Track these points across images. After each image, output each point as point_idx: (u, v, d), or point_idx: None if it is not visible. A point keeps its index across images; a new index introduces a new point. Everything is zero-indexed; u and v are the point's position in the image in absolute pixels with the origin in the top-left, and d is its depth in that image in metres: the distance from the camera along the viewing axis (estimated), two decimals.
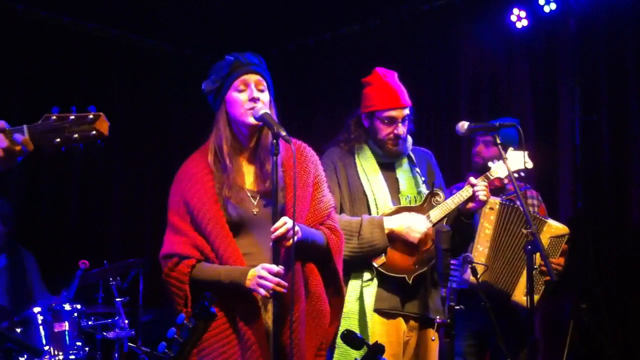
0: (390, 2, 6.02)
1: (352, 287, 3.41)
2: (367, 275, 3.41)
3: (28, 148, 2.09)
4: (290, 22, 6.41)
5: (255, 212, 2.78)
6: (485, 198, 3.43)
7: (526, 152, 3.59)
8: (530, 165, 3.60)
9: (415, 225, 3.39)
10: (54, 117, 2.11)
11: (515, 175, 3.46)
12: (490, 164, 3.63)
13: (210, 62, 2.97)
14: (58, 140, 2.10)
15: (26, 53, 5.99)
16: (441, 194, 3.53)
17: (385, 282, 3.41)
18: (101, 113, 2.13)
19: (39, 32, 6.08)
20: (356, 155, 3.59)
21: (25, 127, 2.11)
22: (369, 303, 3.37)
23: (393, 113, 3.50)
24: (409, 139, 3.64)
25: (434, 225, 3.44)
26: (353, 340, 2.76)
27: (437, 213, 3.47)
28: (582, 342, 4.60)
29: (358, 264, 3.41)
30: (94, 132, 2.10)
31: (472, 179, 3.47)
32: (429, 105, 5.65)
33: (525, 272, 3.83)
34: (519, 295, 3.90)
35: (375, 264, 3.40)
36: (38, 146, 2.11)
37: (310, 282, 2.81)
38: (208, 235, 2.74)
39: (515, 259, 3.93)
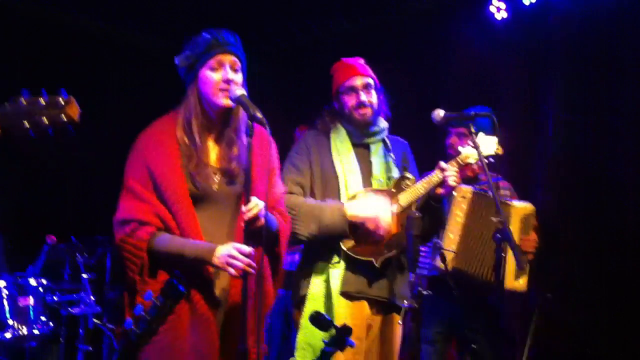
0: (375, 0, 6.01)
1: (320, 269, 3.43)
2: (335, 258, 3.42)
3: None
4: (283, 19, 6.37)
5: (215, 189, 2.76)
6: (454, 183, 3.45)
7: (496, 139, 3.60)
8: (500, 151, 3.60)
9: (380, 219, 3.40)
10: (23, 100, 2.05)
11: (485, 160, 3.46)
12: (460, 148, 3.62)
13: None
14: (27, 124, 2.03)
15: (18, 45, 5.90)
16: (411, 177, 3.54)
17: (353, 265, 3.42)
18: (72, 98, 2.07)
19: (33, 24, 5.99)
20: (331, 136, 3.61)
21: None
22: (336, 286, 3.38)
23: (352, 82, 3.57)
24: (382, 121, 3.65)
25: (403, 209, 3.45)
26: (321, 321, 2.76)
27: (406, 197, 3.48)
28: (547, 332, 4.65)
29: (326, 245, 3.42)
30: (64, 117, 2.04)
31: (442, 163, 3.48)
32: (412, 97, 5.65)
33: (507, 258, 3.86)
34: (510, 281, 3.90)
35: (343, 247, 3.40)
36: (5, 129, 2.04)
37: (261, 265, 2.75)
38: (171, 204, 2.69)
39: (486, 247, 3.95)
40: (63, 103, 2.04)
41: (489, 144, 3.55)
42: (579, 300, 4.95)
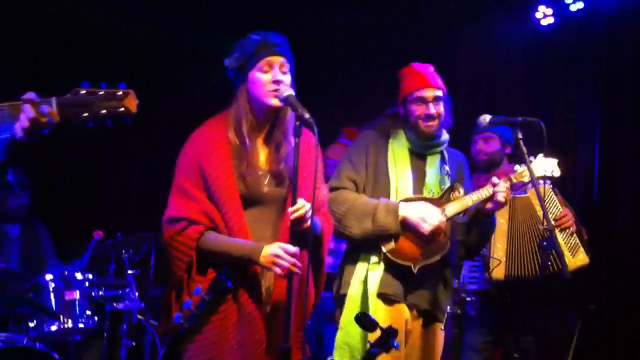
0: None
1: (359, 269, 3.44)
2: (374, 259, 3.43)
3: (54, 120, 2.09)
4: (300, 12, 6.36)
5: (265, 190, 2.80)
6: (504, 200, 3.40)
7: (556, 160, 3.55)
8: (557, 173, 3.55)
9: (428, 217, 3.37)
10: (83, 91, 2.11)
11: (541, 182, 3.41)
12: (517, 167, 3.57)
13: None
14: (86, 114, 2.09)
15: (54, 34, 6.01)
16: (461, 189, 3.51)
17: (392, 268, 3.41)
18: (130, 90, 2.12)
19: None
20: (390, 140, 3.60)
21: (53, 99, 2.11)
22: (373, 287, 3.38)
23: (422, 93, 3.53)
24: (445, 134, 3.62)
25: (448, 218, 3.44)
26: (366, 322, 2.78)
27: (453, 208, 3.45)
28: (589, 344, 4.60)
29: (367, 245, 3.43)
30: (122, 108, 2.09)
31: (494, 179, 3.44)
32: (455, 101, 5.63)
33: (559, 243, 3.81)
34: (571, 263, 3.83)
35: (383, 249, 3.40)
36: (65, 119, 2.11)
37: (302, 268, 2.80)
38: (221, 205, 2.73)
39: (534, 247, 3.91)
40: (121, 95, 2.10)
41: (547, 165, 3.50)
42: (622, 311, 4.89)
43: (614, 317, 4.89)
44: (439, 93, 3.55)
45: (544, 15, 5.47)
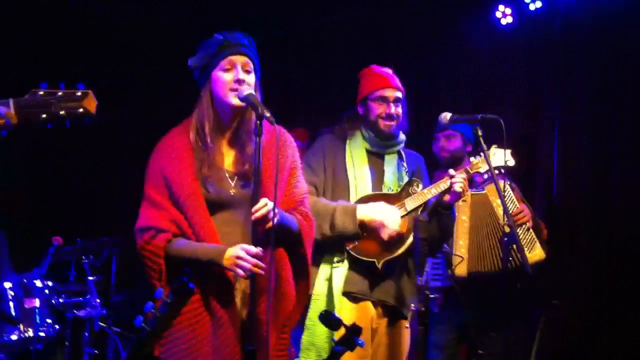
0: None
1: (323, 269, 3.45)
2: (337, 257, 3.45)
3: (12, 122, 2.06)
4: (284, 7, 6.38)
5: (232, 193, 2.78)
6: (460, 189, 3.47)
7: (509, 150, 3.61)
8: (511, 163, 3.62)
9: (388, 222, 3.41)
10: (41, 92, 2.09)
11: (496, 171, 3.47)
12: (472, 158, 3.64)
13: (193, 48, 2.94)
14: (44, 115, 2.07)
15: (27, 28, 5.91)
16: (419, 183, 3.57)
17: (356, 265, 3.44)
18: (89, 90, 2.11)
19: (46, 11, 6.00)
20: (347, 142, 3.65)
21: (11, 100, 2.08)
22: (338, 285, 3.40)
23: (384, 92, 3.61)
24: (402, 134, 3.69)
25: (408, 213, 3.48)
26: (331, 321, 2.76)
27: (412, 202, 3.51)
28: (553, 338, 4.65)
29: (330, 245, 3.44)
30: (81, 109, 2.08)
31: (451, 171, 3.51)
32: (416, 101, 5.66)
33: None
34: (530, 258, 3.89)
35: (347, 247, 3.43)
36: (24, 121, 2.08)
37: (279, 266, 2.81)
38: (186, 210, 2.72)
39: (495, 242, 3.95)
40: (80, 95, 2.09)
41: (501, 156, 3.56)
42: (586, 305, 4.95)
43: (579, 312, 4.95)
44: (399, 95, 3.64)
45: (504, 14, 5.53)
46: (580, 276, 5.04)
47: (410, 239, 3.46)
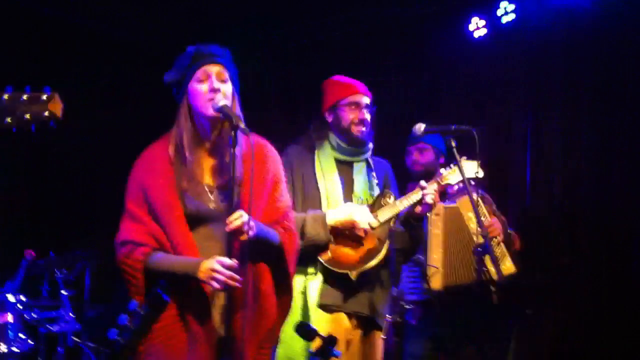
0: (354, 10, 6.05)
1: (297, 282, 3.41)
2: (311, 270, 3.43)
3: None
4: (261, 25, 6.40)
5: (211, 207, 2.76)
6: (431, 201, 3.50)
7: (478, 162, 3.64)
8: (481, 174, 3.65)
9: (359, 217, 3.42)
10: (6, 96, 2.05)
11: (470, 183, 3.49)
12: (442, 170, 3.68)
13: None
14: (8, 119, 2.03)
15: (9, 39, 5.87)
16: (391, 195, 3.58)
17: (330, 277, 3.42)
18: (56, 93, 2.06)
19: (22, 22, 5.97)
20: (316, 152, 3.63)
21: None
22: (313, 298, 3.39)
23: (355, 98, 3.61)
24: (370, 143, 3.69)
25: (381, 224, 3.49)
26: (306, 331, 2.76)
27: (385, 213, 3.52)
28: (526, 349, 4.68)
29: (303, 257, 3.36)
30: (47, 112, 2.03)
31: (422, 182, 3.54)
32: (391, 113, 5.70)
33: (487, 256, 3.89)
34: (506, 268, 3.93)
35: (320, 259, 3.42)
36: None
37: (260, 281, 2.78)
38: (165, 224, 2.71)
39: (469, 253, 3.98)
40: (46, 98, 2.04)
41: (470, 167, 3.59)
42: (559, 314, 5.00)
43: (554, 322, 4.99)
44: (368, 101, 3.64)
45: (477, 27, 5.59)
46: (553, 286, 5.08)
47: (384, 251, 3.47)
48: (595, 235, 5.08)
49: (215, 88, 2.73)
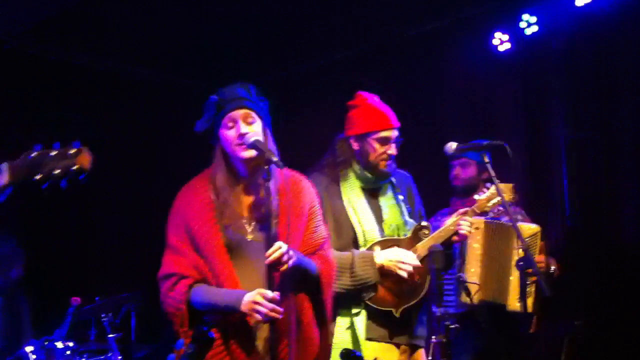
0: (376, 29, 6.09)
1: (341, 321, 3.43)
2: (355, 310, 3.43)
3: (5, 184, 2.06)
4: (279, 49, 6.48)
5: (249, 239, 2.81)
6: (467, 233, 3.50)
7: (512, 185, 3.60)
8: (515, 198, 3.61)
9: (404, 260, 3.41)
10: (35, 153, 2.08)
11: (509, 207, 3.44)
12: (476, 196, 3.64)
13: (205, 90, 2.99)
14: (39, 176, 2.06)
15: (18, 88, 6.01)
16: (428, 226, 3.55)
17: (374, 314, 3.43)
18: (83, 147, 2.10)
19: (31, 67, 6.10)
20: (342, 184, 3.60)
21: (5, 164, 2.09)
22: (361, 331, 3.39)
23: (387, 133, 3.56)
24: (392, 164, 3.67)
25: (421, 259, 3.46)
26: (351, 358, 2.75)
27: (424, 246, 3.48)
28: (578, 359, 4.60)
29: (346, 298, 3.41)
30: (76, 166, 2.07)
31: (461, 210, 3.54)
32: (416, 129, 5.69)
33: (512, 280, 3.86)
34: (513, 303, 3.91)
35: (363, 299, 3.42)
36: (15, 182, 2.07)
37: (300, 311, 2.81)
38: (206, 256, 2.77)
39: (504, 272, 3.95)
40: (74, 153, 2.08)
41: (505, 190, 3.54)
42: (607, 325, 4.90)
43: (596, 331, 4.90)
44: (397, 133, 3.60)
45: (501, 41, 5.58)
46: (596, 294, 4.99)
47: (425, 287, 3.46)
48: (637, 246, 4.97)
49: (242, 133, 2.80)
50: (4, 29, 5.78)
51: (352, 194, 3.57)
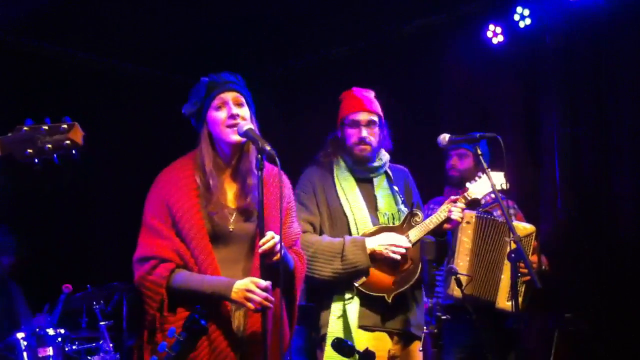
0: (371, 25, 6.10)
1: (335, 308, 3.44)
2: (348, 295, 3.44)
3: None
4: (277, 46, 6.48)
5: (231, 229, 2.78)
6: (458, 218, 3.53)
7: (503, 173, 3.62)
8: (506, 186, 3.62)
9: (396, 243, 3.42)
10: (26, 128, 2.06)
11: (500, 195, 3.46)
12: (467, 184, 3.66)
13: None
14: (30, 150, 2.04)
15: (11, 80, 5.99)
16: (420, 214, 3.57)
17: (366, 300, 3.44)
18: (75, 122, 2.08)
19: (26, 60, 6.09)
20: (335, 173, 3.63)
21: None
22: (353, 320, 3.39)
23: (356, 116, 3.60)
24: (384, 154, 3.69)
25: (413, 244, 3.48)
26: (343, 348, 2.77)
27: (416, 233, 3.51)
28: (568, 352, 4.63)
29: (339, 284, 3.43)
30: (68, 141, 2.05)
31: (452, 197, 3.56)
32: (411, 123, 5.70)
33: (502, 278, 3.89)
34: (502, 301, 3.93)
35: (355, 283, 3.43)
36: (9, 157, 2.06)
37: (278, 305, 2.76)
38: (189, 242, 2.72)
39: (494, 268, 3.97)
40: (66, 127, 2.06)
41: (496, 180, 3.54)
42: (598, 317, 4.93)
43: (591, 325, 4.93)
44: (374, 117, 3.61)
45: (494, 33, 5.58)
46: (587, 288, 5.02)
47: (418, 273, 3.48)
48: (629, 234, 5.00)
49: (233, 114, 2.78)
50: None
51: (345, 184, 3.60)
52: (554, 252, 4.25)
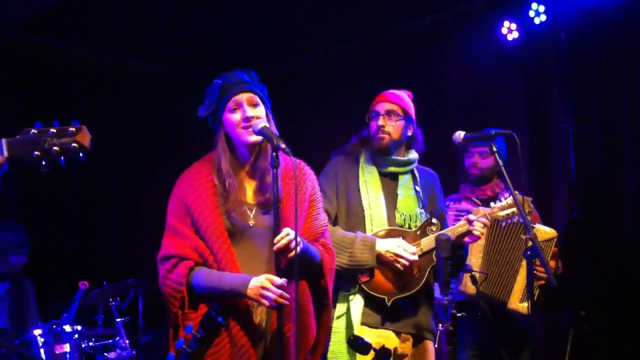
0: (381, 20, 6.09)
1: (341, 300, 3.44)
2: (352, 288, 3.44)
3: (1, 162, 2.07)
4: (283, 42, 6.49)
5: (251, 224, 2.81)
6: (480, 234, 3.45)
7: (530, 199, 3.57)
8: (530, 213, 3.58)
9: (403, 254, 3.39)
10: (34, 131, 2.09)
11: (528, 218, 3.37)
12: (492, 204, 3.60)
13: (204, 84, 3.00)
14: (37, 153, 2.06)
15: (17, 76, 6.03)
16: (437, 223, 3.51)
17: (368, 299, 3.43)
18: (83, 126, 2.10)
19: (33, 56, 6.12)
20: (360, 166, 3.62)
21: (3, 140, 2.09)
22: (357, 317, 3.39)
23: (377, 107, 3.61)
24: (413, 153, 3.66)
25: (424, 253, 3.45)
26: (359, 345, 2.77)
27: (428, 243, 3.47)
28: (583, 350, 4.61)
29: (343, 277, 3.41)
30: (75, 144, 2.07)
31: (470, 216, 3.47)
32: (423, 118, 5.68)
33: (518, 279, 3.87)
34: (515, 302, 3.93)
35: (359, 281, 3.43)
36: (16, 159, 2.08)
37: (301, 298, 2.80)
38: (207, 239, 2.75)
39: (507, 268, 3.96)
40: (73, 131, 2.08)
41: (521, 204, 3.51)
42: (612, 316, 4.91)
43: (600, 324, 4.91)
44: (393, 107, 3.59)
45: (509, 30, 5.56)
46: (602, 286, 4.99)
47: (423, 281, 3.44)
48: None
49: (248, 116, 2.80)
50: (2, 19, 5.79)
51: (369, 177, 3.58)
52: (568, 250, 4.21)
